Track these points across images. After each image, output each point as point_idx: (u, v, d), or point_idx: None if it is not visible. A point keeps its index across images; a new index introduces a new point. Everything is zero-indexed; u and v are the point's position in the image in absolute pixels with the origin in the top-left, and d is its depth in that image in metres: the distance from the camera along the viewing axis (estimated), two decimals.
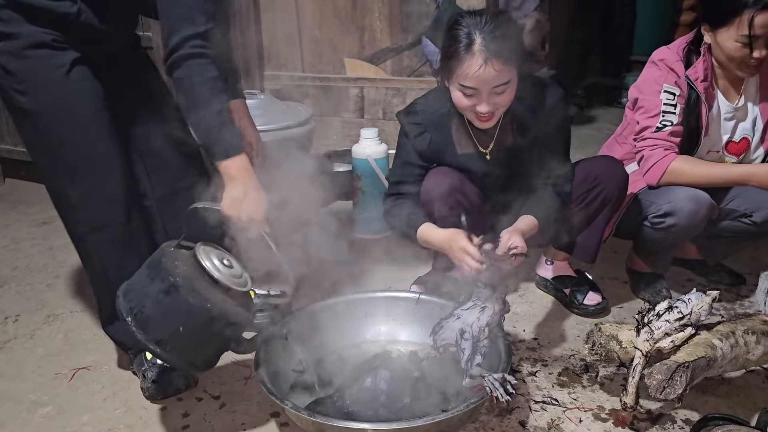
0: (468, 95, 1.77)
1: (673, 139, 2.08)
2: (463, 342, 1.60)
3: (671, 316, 1.60)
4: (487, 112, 1.78)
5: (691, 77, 2.06)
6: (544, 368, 1.91)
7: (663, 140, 2.07)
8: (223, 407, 1.77)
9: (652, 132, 2.09)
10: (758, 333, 1.67)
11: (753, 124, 2.17)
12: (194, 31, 1.47)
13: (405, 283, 2.34)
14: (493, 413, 1.71)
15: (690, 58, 2.09)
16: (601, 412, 1.71)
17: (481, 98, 1.76)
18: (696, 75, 2.06)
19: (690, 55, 2.10)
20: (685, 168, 2.04)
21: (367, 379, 1.64)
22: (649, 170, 2.09)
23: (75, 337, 2.12)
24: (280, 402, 1.46)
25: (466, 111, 1.84)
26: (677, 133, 2.08)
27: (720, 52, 2.03)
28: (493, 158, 1.99)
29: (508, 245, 1.70)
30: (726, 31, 1.97)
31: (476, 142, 1.98)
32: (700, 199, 2.01)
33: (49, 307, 2.34)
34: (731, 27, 1.95)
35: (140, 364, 1.77)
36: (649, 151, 2.09)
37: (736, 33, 1.94)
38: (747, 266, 2.49)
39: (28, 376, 1.94)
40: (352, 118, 3.61)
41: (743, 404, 1.73)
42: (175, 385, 1.76)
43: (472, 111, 1.80)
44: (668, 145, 2.07)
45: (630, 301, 2.30)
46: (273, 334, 1.64)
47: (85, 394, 1.85)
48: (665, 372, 1.50)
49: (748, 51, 1.96)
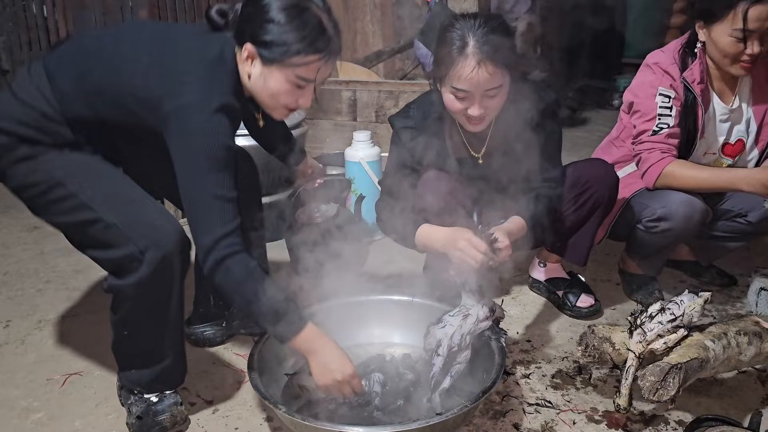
0: (460, 98, 1.77)
1: (671, 141, 2.08)
2: (435, 357, 1.60)
3: (664, 317, 1.61)
4: (478, 116, 1.78)
5: (688, 79, 2.07)
6: (537, 370, 1.92)
7: (660, 143, 2.08)
8: (216, 412, 1.76)
9: (649, 135, 2.09)
10: (750, 334, 1.68)
11: (747, 125, 2.18)
12: (223, 232, 1.45)
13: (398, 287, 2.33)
14: (487, 416, 1.71)
15: (685, 61, 2.10)
16: (595, 414, 1.71)
17: (473, 101, 1.75)
18: (692, 77, 2.07)
19: (685, 57, 2.10)
20: (677, 172, 2.05)
21: (362, 382, 1.64)
22: (646, 173, 2.10)
23: (66, 343, 2.10)
24: (273, 406, 1.46)
25: (457, 114, 1.84)
26: (674, 135, 2.08)
27: (714, 49, 2.03)
28: (485, 162, 1.99)
29: (490, 238, 1.70)
30: (720, 25, 1.97)
31: (468, 146, 1.98)
32: (695, 204, 2.02)
33: (40, 313, 2.32)
34: (725, 21, 1.95)
35: (126, 398, 1.72)
36: (647, 154, 2.09)
37: (731, 27, 1.94)
38: (738, 267, 2.51)
39: (19, 382, 1.93)
40: (344, 121, 3.61)
41: (736, 405, 1.73)
42: (160, 423, 1.65)
43: (464, 114, 1.80)
44: (665, 148, 2.07)
45: (623, 303, 2.30)
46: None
47: (77, 399, 1.84)
48: (658, 374, 1.50)
49: (742, 46, 1.96)
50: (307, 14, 1.48)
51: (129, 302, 1.55)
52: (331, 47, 1.52)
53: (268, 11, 1.48)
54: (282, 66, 1.50)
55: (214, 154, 1.45)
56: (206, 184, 1.46)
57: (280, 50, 1.48)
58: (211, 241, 1.45)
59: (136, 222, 1.51)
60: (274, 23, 1.47)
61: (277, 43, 1.48)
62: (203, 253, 1.46)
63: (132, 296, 1.54)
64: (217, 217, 1.45)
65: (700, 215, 2.03)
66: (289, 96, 1.56)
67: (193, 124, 1.46)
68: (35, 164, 1.55)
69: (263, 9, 1.49)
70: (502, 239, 1.71)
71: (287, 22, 1.47)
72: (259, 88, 1.56)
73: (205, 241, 1.45)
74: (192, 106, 1.46)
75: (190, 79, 1.48)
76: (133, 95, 1.52)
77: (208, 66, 1.51)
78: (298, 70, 1.51)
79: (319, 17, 1.50)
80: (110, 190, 1.56)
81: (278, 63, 1.50)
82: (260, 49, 1.50)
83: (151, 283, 1.52)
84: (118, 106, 1.55)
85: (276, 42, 1.48)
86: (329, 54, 1.53)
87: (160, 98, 1.47)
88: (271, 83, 1.53)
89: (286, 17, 1.47)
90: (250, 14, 1.52)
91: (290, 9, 1.48)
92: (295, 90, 1.54)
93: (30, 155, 1.55)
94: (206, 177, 1.46)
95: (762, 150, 2.21)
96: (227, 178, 1.48)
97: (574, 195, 2.03)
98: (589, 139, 4.49)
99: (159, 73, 1.50)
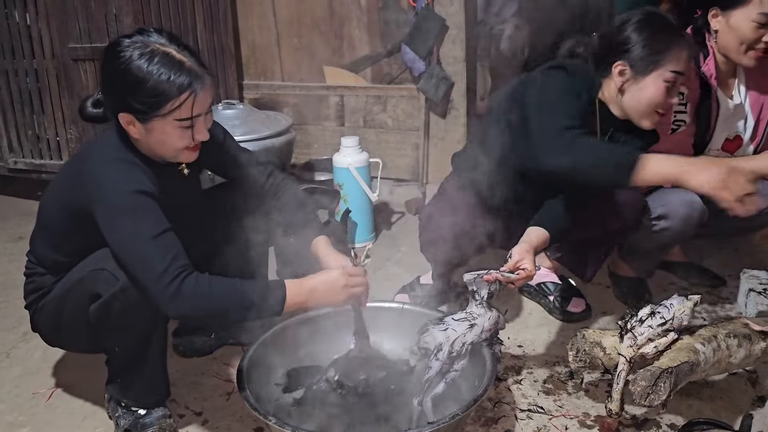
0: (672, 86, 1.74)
1: (688, 140, 2.06)
2: (433, 360, 1.58)
3: (654, 321, 1.60)
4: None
5: (706, 74, 2.06)
6: (529, 376, 1.91)
7: (678, 142, 2.04)
8: (206, 423, 1.75)
9: (667, 135, 2.06)
10: (740, 336, 1.68)
11: (744, 121, 2.19)
12: (163, 268, 1.41)
13: (389, 293, 2.32)
14: (479, 423, 1.70)
15: (697, 56, 2.07)
16: (587, 419, 1.71)
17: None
18: (710, 71, 2.06)
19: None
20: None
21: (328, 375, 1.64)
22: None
23: (53, 355, 2.07)
24: (263, 417, 1.44)
25: (664, 107, 1.79)
26: (691, 133, 2.07)
27: (731, 36, 2.01)
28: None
29: (515, 265, 1.66)
30: (743, 9, 1.96)
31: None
32: (694, 205, 2.01)
33: (25, 325, 2.26)
34: (749, 5, 1.94)
35: (114, 410, 1.71)
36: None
37: (756, 10, 1.93)
38: (727, 268, 2.51)
39: (4, 396, 1.90)
40: (332, 127, 3.60)
41: (727, 407, 1.74)
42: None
43: (665, 107, 1.78)
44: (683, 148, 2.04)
45: (614, 307, 2.30)
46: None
47: (64, 413, 1.82)
48: (649, 378, 1.50)
49: (762, 32, 1.94)
50: (154, 63, 1.44)
51: (110, 315, 1.54)
52: (193, 79, 1.47)
53: (123, 79, 1.45)
54: (158, 118, 1.47)
55: (122, 202, 1.45)
56: (128, 233, 1.44)
57: (144, 109, 1.46)
58: (160, 275, 1.41)
59: (107, 258, 1.52)
60: (129, 87, 1.44)
61: (140, 103, 1.45)
62: (157, 294, 1.42)
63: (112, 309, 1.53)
64: (152, 260, 1.42)
65: (699, 215, 2.02)
66: (182, 139, 1.52)
67: (97, 176, 1.48)
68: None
69: (117, 78, 1.47)
70: (527, 264, 1.66)
71: (138, 83, 1.43)
72: (151, 144, 1.54)
73: (154, 286, 1.42)
74: (92, 167, 1.50)
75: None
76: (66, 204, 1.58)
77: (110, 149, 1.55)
78: (174, 115, 1.47)
79: (168, 55, 1.46)
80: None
81: (152, 118, 1.47)
82: (133, 113, 1.48)
83: (130, 294, 1.50)
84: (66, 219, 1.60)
85: (138, 103, 1.45)
86: (195, 86, 1.47)
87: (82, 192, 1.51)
88: (158, 136, 1.51)
89: (134, 79, 1.43)
90: (110, 87, 1.52)
91: (135, 69, 1.43)
92: (183, 131, 1.51)
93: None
94: (125, 226, 1.45)
95: (756, 146, 2.22)
96: (149, 218, 1.45)
97: (598, 221, 1.96)
98: None
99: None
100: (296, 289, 1.54)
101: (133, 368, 1.65)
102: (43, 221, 1.70)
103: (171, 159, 1.60)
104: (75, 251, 1.61)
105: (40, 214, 1.70)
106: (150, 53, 1.44)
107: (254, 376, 1.63)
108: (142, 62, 1.43)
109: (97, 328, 1.58)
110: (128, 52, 1.44)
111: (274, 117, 3.11)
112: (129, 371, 1.66)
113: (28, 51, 3.21)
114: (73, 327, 1.64)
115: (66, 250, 1.64)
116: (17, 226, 3.26)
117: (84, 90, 3.13)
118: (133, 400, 1.67)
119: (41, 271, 1.70)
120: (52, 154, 3.35)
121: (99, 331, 1.59)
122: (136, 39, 1.47)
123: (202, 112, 1.52)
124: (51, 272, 1.68)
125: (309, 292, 1.55)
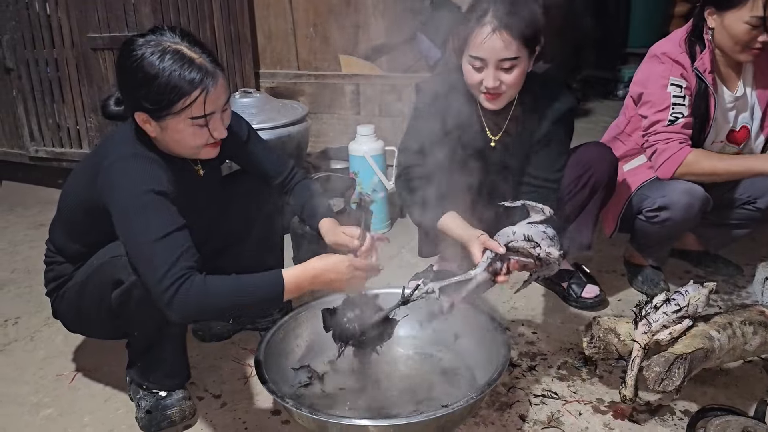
0: (477, 68, 1.81)
1: (686, 131, 2.06)
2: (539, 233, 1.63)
3: (669, 308, 1.61)
4: (492, 87, 1.81)
5: (700, 68, 2.05)
6: (543, 362, 1.92)
7: (677, 133, 2.05)
8: (225, 406, 1.78)
9: (664, 126, 2.06)
10: (755, 324, 1.68)
11: (751, 112, 2.17)
12: (166, 268, 1.39)
13: (403, 280, 2.34)
14: (493, 407, 1.72)
15: (692, 49, 2.08)
16: (601, 405, 1.72)
17: (489, 72, 1.79)
18: (704, 66, 2.05)
19: (692, 45, 2.08)
20: (698, 161, 2.03)
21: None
22: (664, 163, 2.07)
23: (75, 339, 2.12)
24: (280, 400, 1.47)
25: (474, 88, 1.87)
26: (689, 125, 2.07)
27: (725, 36, 2.01)
28: (497, 147, 2.00)
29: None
30: (737, 11, 1.95)
31: (486, 127, 1.99)
32: (695, 193, 2.02)
33: (48, 309, 2.30)
34: (743, 7, 1.94)
35: (135, 392, 1.74)
36: (663, 144, 2.06)
37: (748, 13, 1.93)
38: (744, 257, 2.50)
39: (29, 379, 1.95)
40: (348, 115, 3.61)
41: (741, 394, 1.74)
42: (169, 417, 1.69)
43: (479, 87, 1.83)
44: (681, 138, 2.05)
45: (628, 294, 2.30)
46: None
47: (87, 395, 1.86)
48: (663, 364, 1.51)
49: (756, 34, 1.94)
50: (165, 60, 1.44)
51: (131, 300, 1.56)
52: (204, 75, 1.46)
53: (135, 77, 1.46)
54: (171, 116, 1.48)
55: (135, 201, 1.45)
56: (137, 232, 1.44)
57: (157, 107, 1.46)
58: (160, 279, 1.40)
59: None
60: (142, 86, 1.45)
61: (152, 102, 1.46)
62: (156, 298, 1.42)
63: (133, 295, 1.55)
64: (153, 264, 1.41)
65: (701, 204, 2.02)
66: (198, 137, 1.53)
67: (113, 173, 1.49)
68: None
69: (130, 77, 1.47)
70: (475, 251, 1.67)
71: (149, 81, 1.44)
72: (168, 143, 1.55)
73: (153, 290, 1.42)
74: (109, 164, 1.51)
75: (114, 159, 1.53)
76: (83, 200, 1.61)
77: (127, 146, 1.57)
78: (186, 113, 1.47)
79: (179, 53, 1.45)
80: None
81: (165, 116, 1.48)
82: (147, 112, 1.48)
83: None
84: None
85: (152, 101, 1.46)
86: (207, 82, 1.46)
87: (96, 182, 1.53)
88: (173, 135, 1.52)
89: (145, 77, 1.44)
90: (124, 86, 1.52)
91: (147, 67, 1.44)
92: (199, 129, 1.51)
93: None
94: (135, 225, 1.45)
95: (767, 136, 2.20)
96: (158, 218, 1.45)
97: (575, 176, 2.02)
98: (594, 130, 4.48)
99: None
100: (296, 278, 1.50)
101: (153, 352, 1.68)
102: (62, 212, 1.73)
103: (190, 156, 1.61)
104: (93, 243, 1.64)
105: (60, 204, 1.73)
106: (161, 51, 1.44)
107: (272, 359, 1.66)
108: (153, 60, 1.44)
109: (118, 314, 1.61)
110: (140, 50, 1.45)
111: (290, 106, 3.12)
112: (149, 355, 1.69)
113: (48, 41, 3.24)
114: (93, 313, 1.67)
115: (84, 241, 1.67)
116: (38, 214, 3.31)
117: (103, 79, 3.16)
118: (154, 383, 1.71)
119: (60, 260, 1.73)
120: (72, 142, 3.39)
121: (120, 316, 1.61)
122: (150, 38, 1.47)
123: (216, 110, 1.52)
124: (70, 261, 1.71)
125: (312, 278, 1.52)
